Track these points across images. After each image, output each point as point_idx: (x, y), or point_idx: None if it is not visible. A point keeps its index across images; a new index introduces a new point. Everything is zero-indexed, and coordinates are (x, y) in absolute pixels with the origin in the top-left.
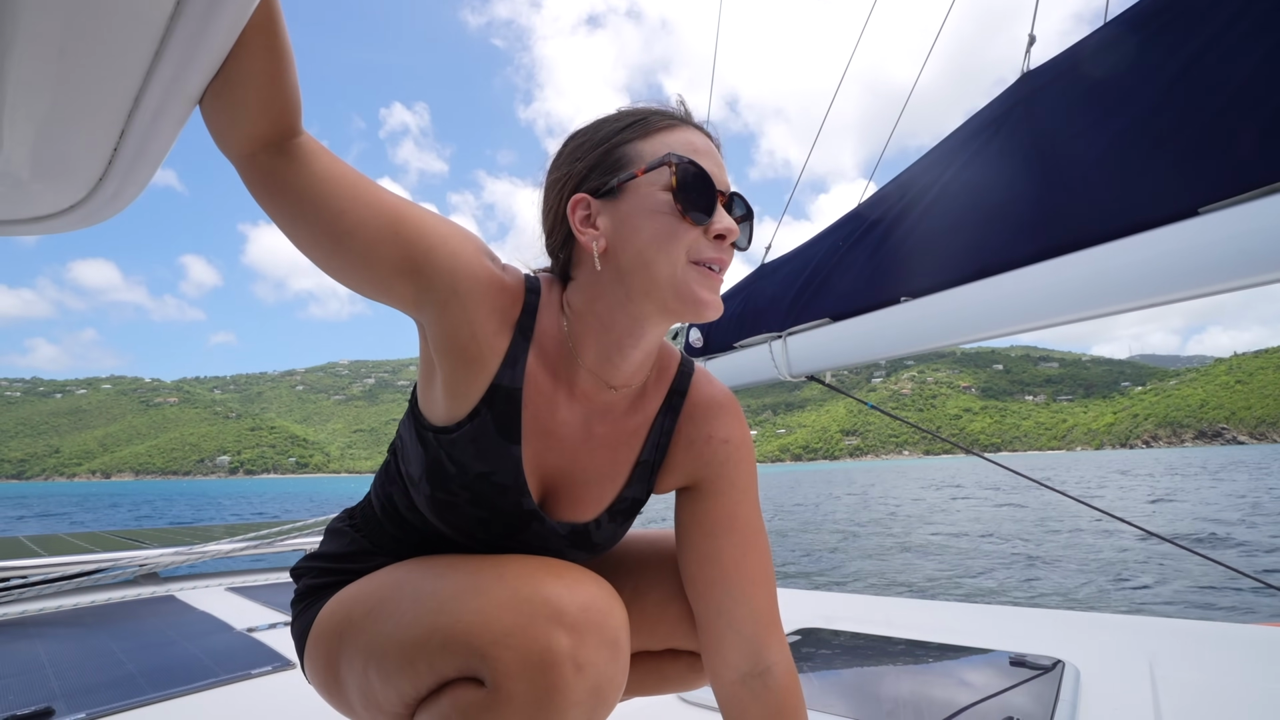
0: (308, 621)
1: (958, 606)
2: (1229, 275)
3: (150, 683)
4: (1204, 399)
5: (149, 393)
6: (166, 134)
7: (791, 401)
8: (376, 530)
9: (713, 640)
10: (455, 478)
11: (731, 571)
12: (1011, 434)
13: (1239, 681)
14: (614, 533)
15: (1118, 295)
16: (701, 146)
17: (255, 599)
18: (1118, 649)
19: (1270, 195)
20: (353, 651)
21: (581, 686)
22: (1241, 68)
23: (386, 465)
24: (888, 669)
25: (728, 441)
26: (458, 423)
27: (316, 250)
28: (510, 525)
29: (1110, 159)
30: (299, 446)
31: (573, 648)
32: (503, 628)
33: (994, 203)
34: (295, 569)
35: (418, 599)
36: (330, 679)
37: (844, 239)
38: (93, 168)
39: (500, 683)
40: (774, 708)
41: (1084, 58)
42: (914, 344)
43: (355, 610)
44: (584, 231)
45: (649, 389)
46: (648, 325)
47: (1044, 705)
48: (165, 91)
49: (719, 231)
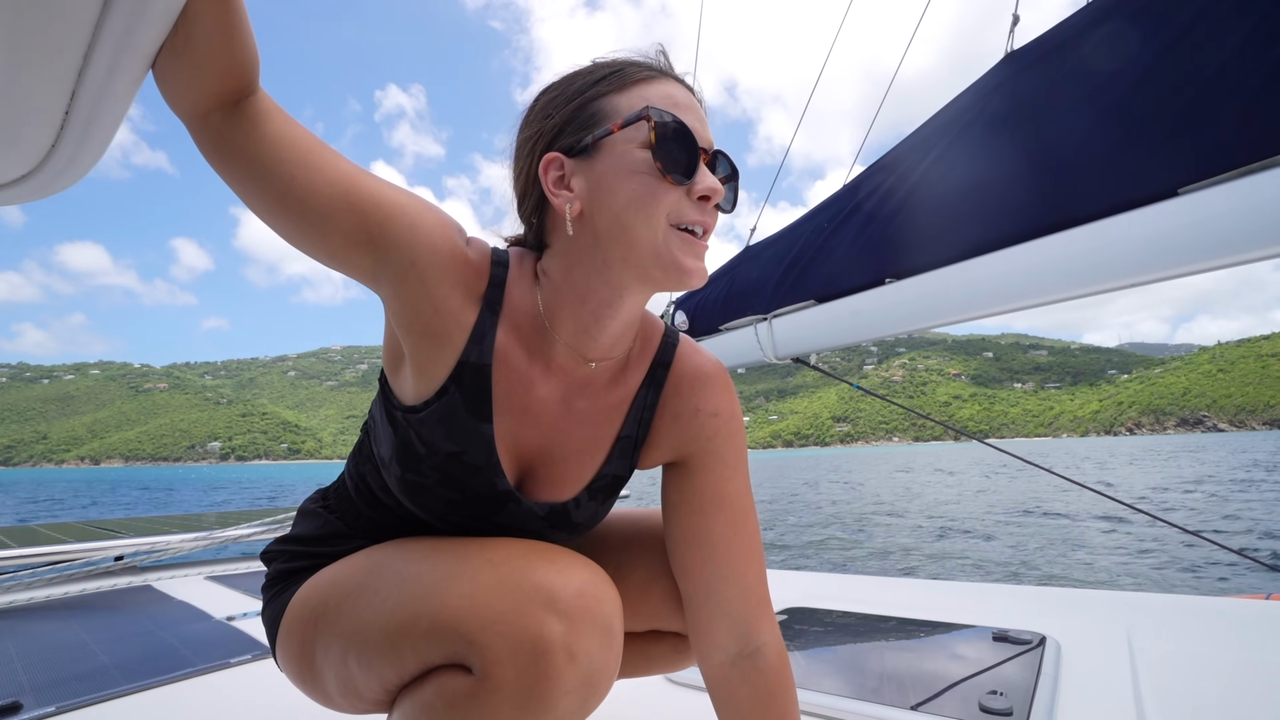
0: (280, 608)
1: (943, 584)
2: (1208, 255)
3: (124, 674)
4: (1187, 387)
5: (138, 378)
6: (122, 95)
7: (784, 388)
8: (351, 512)
9: (701, 621)
10: (425, 459)
11: (721, 550)
12: (999, 421)
13: (1214, 653)
14: (595, 511)
15: (1100, 275)
16: (682, 100)
17: (236, 587)
18: (1097, 623)
19: (1248, 176)
20: (329, 638)
21: (574, 675)
22: (1221, 49)
23: (360, 445)
24: (874, 646)
25: (716, 415)
26: (425, 401)
27: (269, 216)
28: (484, 507)
29: (1092, 140)
30: (291, 432)
31: (566, 635)
32: (492, 613)
33: (977, 184)
34: (265, 553)
35: (400, 583)
36: (304, 667)
37: (829, 220)
38: (44, 133)
39: (489, 670)
40: (764, 690)
41: (1066, 39)
42: (899, 325)
43: (331, 595)
44: (557, 194)
45: (631, 361)
46: (627, 294)
47: (1027, 679)
48: (117, 47)
49: (702, 192)
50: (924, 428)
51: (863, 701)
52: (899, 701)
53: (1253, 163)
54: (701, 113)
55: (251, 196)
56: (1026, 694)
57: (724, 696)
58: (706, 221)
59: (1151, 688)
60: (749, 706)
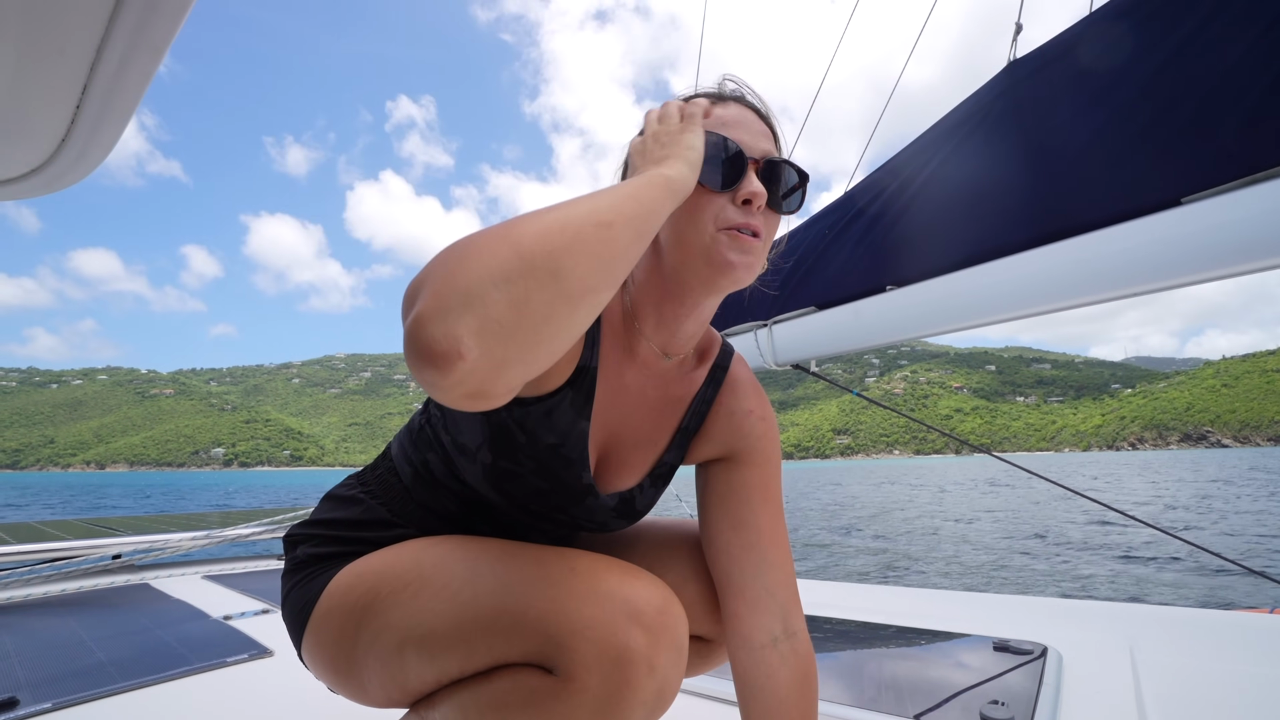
0: (312, 593)
1: (944, 594)
2: (1211, 265)
3: (121, 672)
4: (1190, 402)
5: (145, 384)
6: (133, 90)
7: (785, 400)
8: (400, 498)
9: (747, 604)
10: (524, 447)
11: (766, 537)
12: (1001, 434)
13: (1218, 666)
14: (652, 498)
15: (1102, 284)
16: (733, 118)
17: (233, 587)
18: (1100, 635)
19: (1251, 186)
20: (381, 627)
21: (651, 686)
22: (1223, 59)
23: (416, 431)
24: (875, 654)
25: (764, 419)
26: (537, 398)
27: None
28: (568, 498)
29: (1095, 149)
30: (294, 439)
31: (648, 648)
32: (582, 620)
33: (978, 192)
34: (291, 535)
35: (474, 578)
36: (340, 656)
37: (830, 227)
38: (55, 127)
39: (575, 673)
40: (801, 672)
41: (1069, 48)
42: (899, 332)
43: (385, 584)
44: None
45: (696, 363)
46: (691, 294)
47: (1028, 690)
48: (130, 41)
49: (745, 196)
50: (925, 440)
51: (863, 710)
52: (899, 710)
53: (1256, 173)
54: (759, 126)
55: None
56: (1028, 705)
57: (762, 679)
58: (751, 223)
59: (1154, 701)
60: (788, 689)
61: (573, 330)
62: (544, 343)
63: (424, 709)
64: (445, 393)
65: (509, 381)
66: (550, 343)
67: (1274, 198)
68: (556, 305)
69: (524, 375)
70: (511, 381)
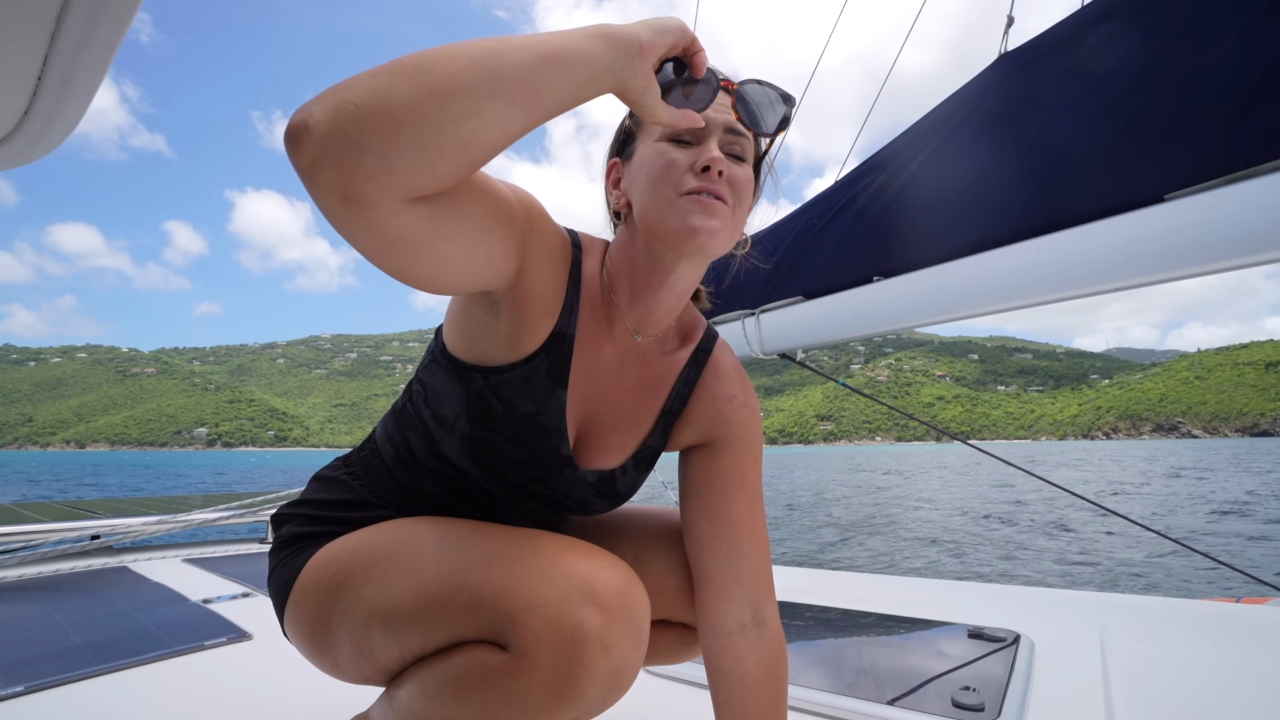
0: (293, 570)
1: (921, 582)
2: (1192, 261)
3: (95, 655)
4: (1164, 393)
5: (126, 362)
6: (97, 61)
7: (771, 386)
8: (381, 480)
9: (716, 591)
10: (501, 415)
11: (740, 527)
12: (981, 423)
13: (1184, 653)
14: (635, 481)
15: (1085, 279)
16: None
17: (213, 570)
18: (1071, 622)
19: (1233, 184)
20: (352, 603)
21: (604, 666)
22: (1208, 58)
23: (399, 411)
24: (853, 641)
25: (746, 405)
26: (512, 364)
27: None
28: (545, 469)
29: (1081, 144)
30: (278, 420)
31: (602, 628)
32: (537, 597)
33: (966, 185)
34: (278, 516)
35: (438, 556)
36: (317, 631)
37: (819, 217)
38: (15, 100)
39: (526, 649)
40: (769, 659)
41: (1058, 42)
42: (885, 323)
43: (357, 562)
44: (610, 192)
45: (678, 344)
46: (663, 265)
47: (1000, 675)
48: (90, 11)
49: (704, 164)
50: (907, 428)
51: (841, 696)
52: (876, 696)
53: (1238, 171)
54: (720, 99)
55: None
56: (999, 690)
57: (730, 665)
58: (710, 187)
59: (1121, 686)
60: (754, 675)
61: (444, 131)
62: (404, 133)
63: (394, 688)
64: (306, 176)
65: (369, 171)
66: (414, 135)
67: (1255, 196)
68: (419, 96)
69: (389, 170)
70: (373, 173)
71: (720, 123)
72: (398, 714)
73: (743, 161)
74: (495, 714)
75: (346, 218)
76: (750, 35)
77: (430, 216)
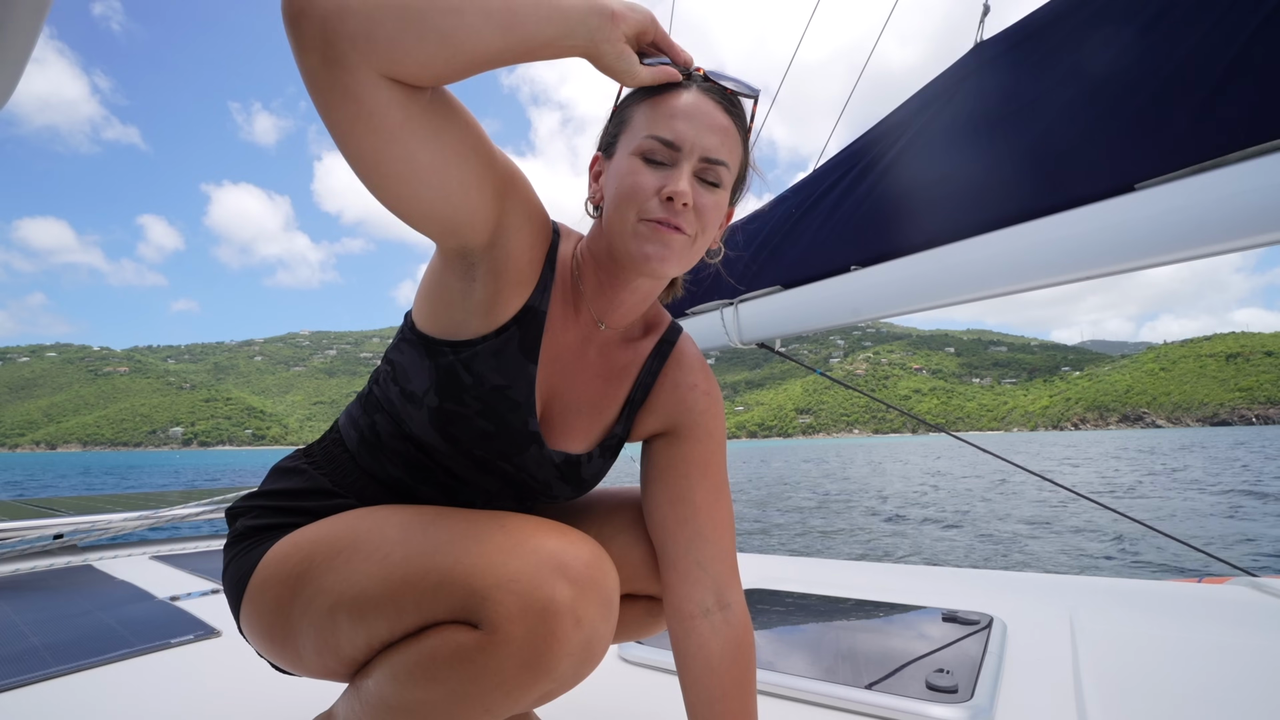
0: (249, 565)
1: (898, 567)
2: (1160, 250)
3: (55, 656)
4: (1130, 385)
5: (97, 361)
6: (24, 30)
7: (751, 380)
8: (343, 467)
9: (679, 576)
10: (470, 388)
11: (703, 513)
12: (956, 414)
13: (1150, 632)
14: (600, 469)
15: (1057, 267)
16: (686, 108)
17: (181, 567)
18: (1042, 605)
19: (1201, 173)
20: (314, 593)
21: (577, 638)
22: (1179, 49)
23: (365, 397)
24: (831, 626)
25: (708, 394)
26: (484, 336)
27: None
28: (512, 444)
29: (1053, 134)
30: (256, 418)
31: (574, 600)
32: (507, 573)
33: (941, 175)
34: (233, 509)
35: (406, 540)
36: (276, 624)
37: (796, 207)
38: None
39: (499, 625)
40: (733, 642)
41: (1032, 32)
42: (861, 312)
43: (319, 551)
44: (591, 185)
45: (641, 335)
46: (623, 272)
47: (973, 658)
48: None
49: (669, 194)
50: (884, 420)
51: (819, 681)
52: (854, 680)
53: (1206, 160)
54: (709, 121)
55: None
56: (972, 672)
57: (693, 649)
58: (671, 219)
59: (1090, 665)
60: (718, 657)
61: (425, 16)
62: (389, 3)
63: (359, 680)
64: (292, 25)
65: (351, 32)
66: (400, 10)
67: (1222, 185)
68: None
69: (370, 35)
70: (355, 35)
71: (696, 147)
72: (366, 705)
73: (716, 187)
74: (469, 692)
75: (326, 79)
76: (735, 29)
77: (406, 105)
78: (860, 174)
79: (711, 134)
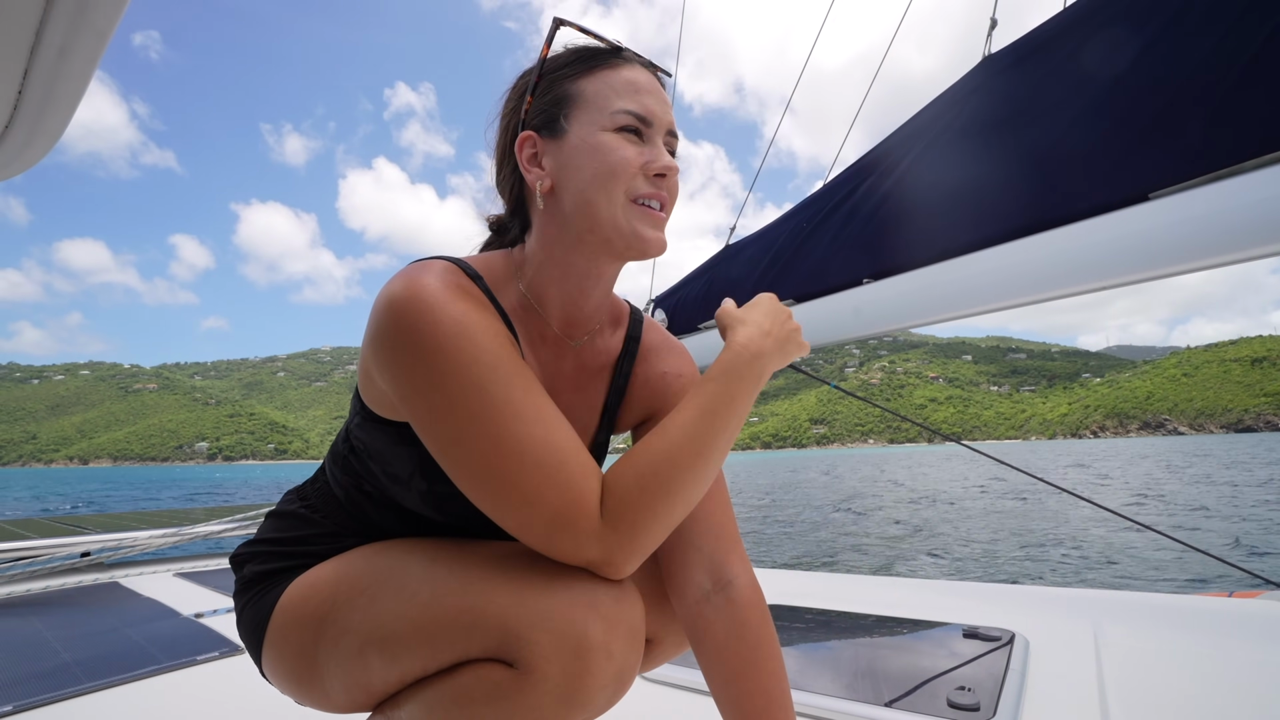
0: (265, 609)
1: (918, 582)
2: (1175, 260)
3: (85, 672)
4: (1151, 391)
5: (128, 379)
6: (78, 74)
7: (766, 391)
8: (340, 516)
9: (675, 562)
10: None
11: None
12: (972, 423)
13: (1177, 649)
14: None
15: (1073, 277)
16: (644, 84)
17: (205, 584)
18: (1065, 620)
19: (1215, 182)
20: (339, 632)
21: (609, 672)
22: (1190, 58)
23: (343, 458)
24: (851, 643)
25: (681, 376)
26: None
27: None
28: None
29: (1066, 144)
30: (278, 433)
31: (605, 635)
32: (540, 611)
33: (953, 187)
34: (237, 555)
35: (431, 578)
36: (302, 667)
37: (809, 220)
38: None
39: (535, 664)
40: (738, 620)
41: (1041, 44)
42: (875, 325)
43: (341, 591)
44: (529, 170)
45: (607, 336)
46: (597, 266)
47: (995, 675)
48: (70, 25)
49: (658, 170)
50: (899, 430)
51: (839, 699)
52: (873, 698)
53: (1219, 169)
54: (663, 95)
55: None
56: (994, 689)
57: (701, 634)
58: (662, 195)
59: (1116, 683)
60: (725, 639)
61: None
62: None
63: (389, 709)
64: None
65: (635, 565)
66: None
67: (1236, 194)
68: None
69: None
70: (636, 563)
71: (664, 122)
72: None
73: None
74: None
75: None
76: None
77: None
78: (871, 187)
79: (668, 109)
